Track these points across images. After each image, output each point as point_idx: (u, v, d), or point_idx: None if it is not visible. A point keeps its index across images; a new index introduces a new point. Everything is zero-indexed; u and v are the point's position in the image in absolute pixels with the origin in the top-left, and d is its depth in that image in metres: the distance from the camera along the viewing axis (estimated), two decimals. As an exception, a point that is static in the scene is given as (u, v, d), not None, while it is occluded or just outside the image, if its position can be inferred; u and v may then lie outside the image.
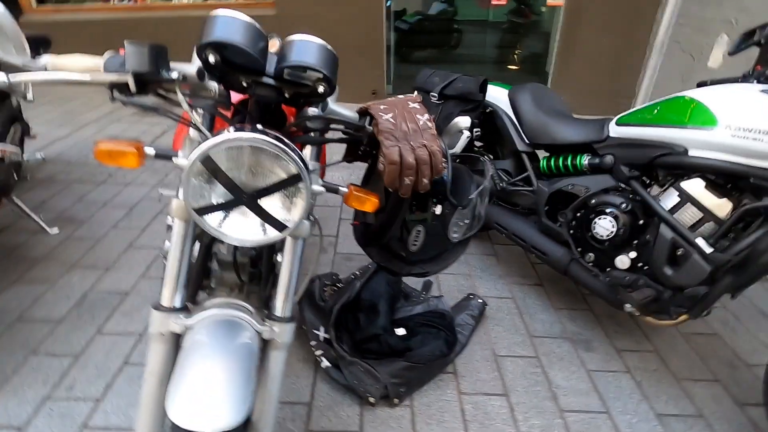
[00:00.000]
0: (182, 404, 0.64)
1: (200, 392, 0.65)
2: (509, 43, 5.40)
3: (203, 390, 0.65)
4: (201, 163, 0.64)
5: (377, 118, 0.77)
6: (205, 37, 0.64)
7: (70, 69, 0.75)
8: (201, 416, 0.62)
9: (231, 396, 0.66)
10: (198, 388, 0.66)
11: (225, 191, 0.67)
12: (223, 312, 0.79)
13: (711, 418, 1.43)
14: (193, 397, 0.64)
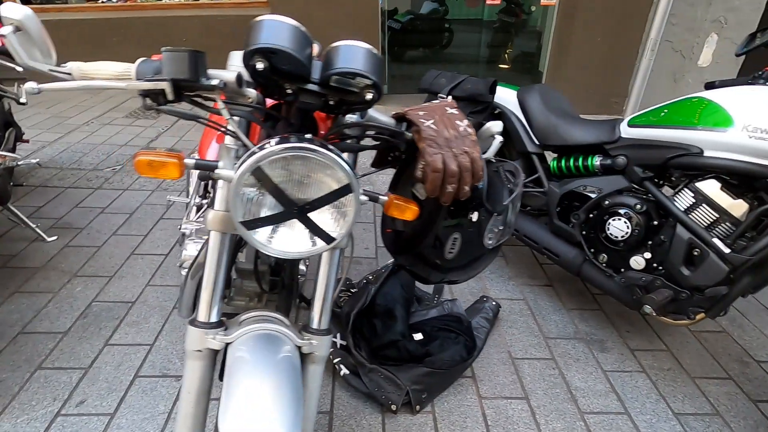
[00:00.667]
0: (238, 424, 0.61)
1: (255, 411, 0.63)
2: (502, 42, 5.42)
3: (257, 408, 0.63)
4: (252, 175, 0.61)
5: (419, 125, 0.76)
6: (252, 43, 0.61)
7: (97, 76, 0.71)
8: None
9: (285, 413, 0.63)
10: (252, 406, 0.63)
11: (274, 204, 0.64)
12: (262, 326, 0.77)
13: (727, 416, 1.45)
14: (248, 416, 0.62)
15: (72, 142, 3.12)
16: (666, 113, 1.47)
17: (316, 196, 0.64)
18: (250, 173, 0.61)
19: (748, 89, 1.32)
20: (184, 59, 0.64)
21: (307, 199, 0.65)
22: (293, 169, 0.63)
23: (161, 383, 1.43)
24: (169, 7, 4.01)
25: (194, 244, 1.22)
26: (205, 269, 0.77)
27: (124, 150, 3.05)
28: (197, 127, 3.52)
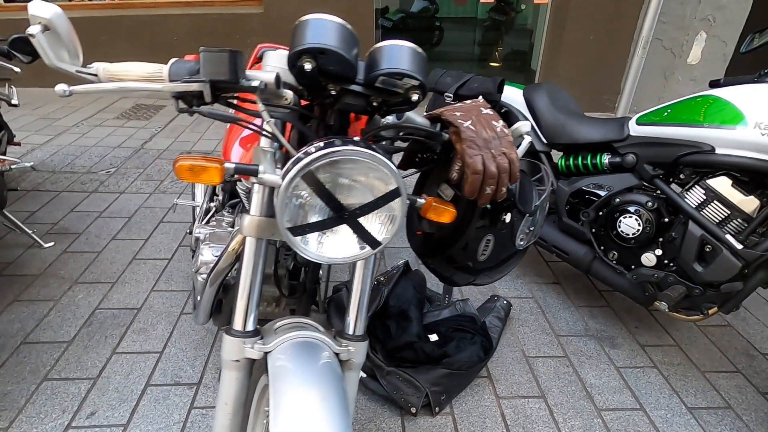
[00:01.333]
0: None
1: (306, 421, 0.61)
2: (493, 40, 5.45)
3: (308, 418, 0.61)
4: (302, 179, 0.59)
5: (458, 126, 0.74)
6: (300, 43, 0.59)
7: (127, 77, 0.69)
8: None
9: (336, 422, 0.62)
10: (303, 416, 0.61)
11: (319, 209, 0.62)
12: (300, 334, 0.75)
13: (738, 409, 1.47)
14: (300, 427, 0.60)
15: (63, 145, 3.03)
16: (676, 111, 1.49)
17: (362, 200, 0.63)
18: (300, 178, 0.59)
19: (758, 87, 1.34)
20: (224, 60, 0.62)
21: (355, 203, 0.63)
22: (341, 173, 0.61)
23: (174, 392, 1.40)
24: (158, 5, 3.92)
25: (210, 249, 1.19)
26: (240, 277, 0.75)
27: (117, 152, 2.98)
28: (193, 128, 3.46)
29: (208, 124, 3.53)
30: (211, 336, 1.60)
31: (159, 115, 3.67)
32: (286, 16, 3.89)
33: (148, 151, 3.02)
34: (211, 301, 1.14)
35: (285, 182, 0.59)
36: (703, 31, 4.21)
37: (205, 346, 1.56)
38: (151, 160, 2.89)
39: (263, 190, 0.73)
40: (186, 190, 2.56)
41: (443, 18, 5.49)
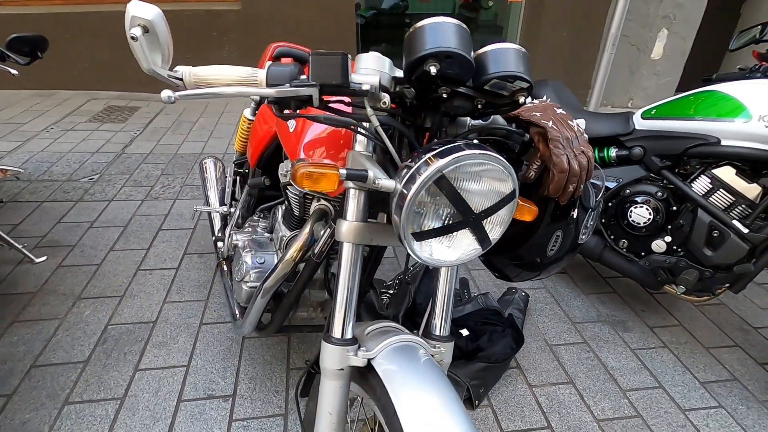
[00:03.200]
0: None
1: (434, 419, 0.61)
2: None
3: (435, 417, 0.62)
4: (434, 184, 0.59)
5: (543, 126, 0.76)
6: (424, 47, 0.59)
7: (217, 81, 0.66)
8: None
9: (459, 416, 0.63)
10: (429, 416, 0.62)
11: (436, 213, 0.62)
12: (399, 338, 0.75)
13: (743, 380, 1.60)
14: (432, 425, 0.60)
15: (34, 151, 2.82)
16: (682, 107, 1.58)
17: (479, 203, 0.63)
18: (433, 182, 0.59)
19: (758, 83, 1.45)
20: (336, 63, 0.61)
21: (476, 206, 0.63)
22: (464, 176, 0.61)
23: (209, 405, 1.35)
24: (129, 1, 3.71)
25: (252, 256, 1.16)
26: (338, 284, 0.73)
27: (97, 157, 2.81)
28: (174, 129, 3.31)
29: (189, 127, 3.40)
30: (237, 345, 1.56)
31: (135, 117, 3.48)
32: (265, 12, 3.80)
33: (131, 156, 2.86)
34: (261, 312, 1.11)
35: (416, 187, 0.58)
36: (664, 29, 4.47)
37: (233, 356, 1.52)
38: (136, 165, 2.75)
39: (359, 195, 0.72)
40: (180, 195, 2.45)
41: (414, 14, 5.52)
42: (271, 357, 1.52)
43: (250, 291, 1.14)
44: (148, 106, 3.75)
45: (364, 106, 0.66)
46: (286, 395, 1.40)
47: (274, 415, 1.33)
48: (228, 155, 2.96)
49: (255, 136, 1.40)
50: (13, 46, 1.34)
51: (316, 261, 0.99)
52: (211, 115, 3.65)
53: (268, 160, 1.37)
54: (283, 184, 1.08)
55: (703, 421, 1.43)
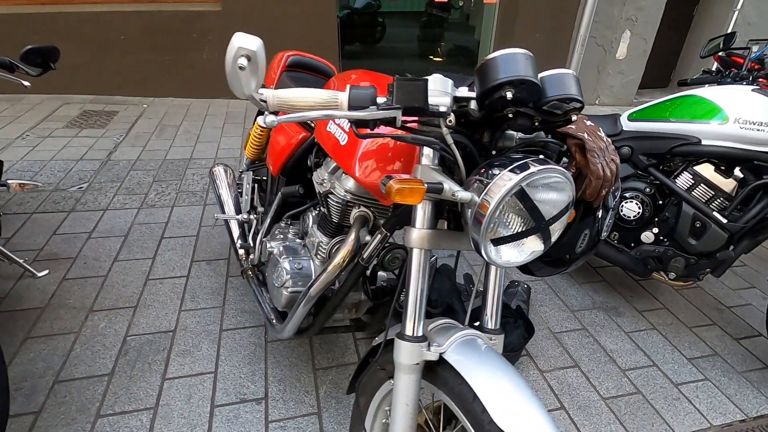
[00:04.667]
0: (513, 417, 0.67)
1: (515, 401, 0.69)
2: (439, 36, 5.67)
3: (516, 399, 0.69)
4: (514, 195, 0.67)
5: (581, 138, 0.86)
6: (502, 74, 0.66)
7: (300, 104, 0.71)
8: (537, 429, 0.66)
9: (535, 399, 0.71)
10: (511, 399, 0.69)
11: (514, 220, 0.70)
12: (463, 333, 0.82)
13: (723, 354, 1.78)
14: (515, 407, 0.68)
15: (13, 160, 2.70)
16: (666, 109, 1.73)
17: (548, 210, 0.72)
18: (513, 194, 0.67)
19: (734, 89, 1.61)
20: (420, 88, 0.68)
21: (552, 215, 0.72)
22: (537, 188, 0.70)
23: (243, 409, 1.38)
24: (103, 1, 3.59)
25: (290, 262, 1.20)
26: (409, 287, 0.80)
27: (82, 165, 2.73)
28: (158, 134, 3.24)
29: (173, 131, 3.33)
30: (261, 350, 1.59)
31: (114, 123, 3.38)
32: (247, 13, 3.76)
33: (118, 163, 2.79)
34: (304, 315, 1.16)
35: (498, 198, 0.66)
36: (628, 30, 4.75)
37: (258, 360, 1.55)
38: (125, 173, 2.69)
39: (427, 205, 0.79)
40: (177, 202, 2.43)
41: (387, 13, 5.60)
42: (296, 359, 1.57)
43: (291, 296, 1.19)
44: (127, 110, 3.64)
45: (438, 125, 0.73)
46: (317, 394, 1.45)
47: (309, 414, 1.38)
48: (221, 160, 2.94)
49: (277, 145, 1.44)
50: (29, 58, 1.31)
51: (364, 265, 1.05)
52: (194, 119, 3.59)
53: (292, 169, 1.41)
54: (324, 192, 1.13)
55: (693, 393, 1.60)
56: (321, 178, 1.17)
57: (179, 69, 3.86)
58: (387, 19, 5.64)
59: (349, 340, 1.67)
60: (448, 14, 5.78)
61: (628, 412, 1.50)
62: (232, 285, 1.88)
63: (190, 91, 3.96)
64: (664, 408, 1.52)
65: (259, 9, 3.77)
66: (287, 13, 3.84)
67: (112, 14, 3.54)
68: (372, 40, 5.68)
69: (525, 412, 0.69)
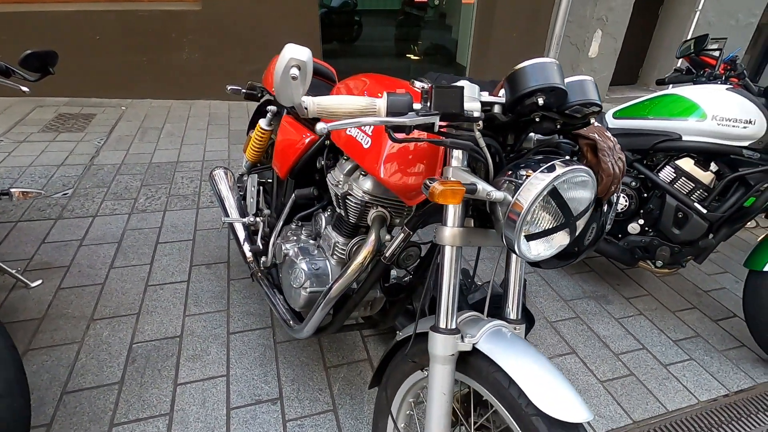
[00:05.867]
0: (550, 395, 0.73)
1: (550, 381, 0.75)
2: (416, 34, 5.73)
3: (550, 380, 0.75)
4: (548, 194, 0.72)
5: (593, 139, 0.92)
6: (532, 82, 0.71)
7: (340, 111, 0.74)
8: (573, 409, 0.72)
9: (566, 380, 0.77)
10: (546, 380, 0.75)
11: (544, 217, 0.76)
12: (491, 324, 0.87)
13: (704, 335, 1.91)
14: (551, 387, 0.74)
15: (-12, 167, 2.59)
16: (648, 108, 1.84)
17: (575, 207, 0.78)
18: (547, 193, 0.72)
19: (711, 88, 1.73)
20: (457, 95, 0.72)
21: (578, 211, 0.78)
22: (568, 186, 0.75)
23: (260, 410, 1.40)
24: (76, 0, 3.46)
25: (307, 263, 1.23)
26: (442, 282, 0.85)
27: (65, 171, 2.64)
28: (140, 137, 3.16)
29: (156, 134, 3.26)
30: (271, 351, 1.60)
31: (93, 126, 3.28)
32: (227, 13, 3.71)
33: (102, 167, 2.72)
34: (324, 315, 1.19)
35: (533, 197, 0.71)
36: (599, 30, 4.95)
37: (269, 361, 1.56)
38: (111, 177, 2.62)
39: (458, 204, 0.83)
40: (169, 206, 2.39)
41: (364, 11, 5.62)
42: (306, 358, 1.59)
43: (310, 296, 1.21)
44: (104, 112, 3.54)
45: (469, 129, 0.78)
46: (331, 392, 1.48)
47: (324, 412, 1.41)
48: (209, 162, 2.90)
49: (284, 148, 1.45)
50: (28, 63, 1.27)
51: (386, 264, 1.09)
52: (177, 121, 3.52)
53: (300, 171, 1.43)
54: (342, 194, 1.16)
55: (681, 372, 1.71)
56: (336, 180, 1.19)
57: (158, 70, 3.77)
58: (364, 17, 5.67)
59: (357, 337, 1.70)
60: (425, 13, 5.85)
61: (624, 393, 1.59)
62: (234, 288, 1.88)
63: (170, 93, 3.87)
64: (656, 387, 1.63)
65: (240, 9, 3.72)
66: (269, 13, 3.81)
67: (86, 14, 3.43)
68: (349, 39, 5.69)
69: (558, 392, 0.74)
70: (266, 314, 1.76)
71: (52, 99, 3.63)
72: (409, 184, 0.97)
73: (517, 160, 0.82)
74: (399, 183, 0.97)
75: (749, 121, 1.63)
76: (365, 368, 1.57)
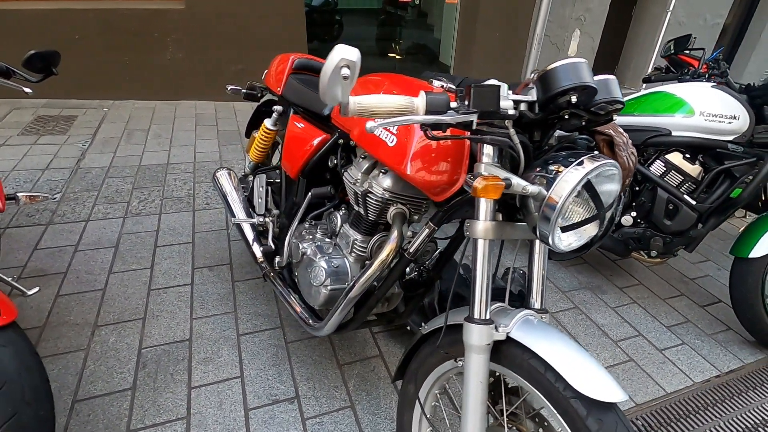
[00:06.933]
0: (586, 376, 0.76)
1: (584, 365, 0.78)
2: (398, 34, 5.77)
3: (584, 364, 0.79)
4: (583, 187, 0.76)
5: (609, 134, 0.97)
6: (565, 81, 0.75)
7: (380, 110, 0.76)
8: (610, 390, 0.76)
9: (598, 365, 0.81)
10: (580, 364, 0.79)
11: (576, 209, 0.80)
12: (521, 314, 0.91)
13: (693, 320, 2.01)
14: (586, 369, 0.77)
15: (-32, 172, 2.48)
16: (639, 105, 1.92)
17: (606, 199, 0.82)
18: (582, 186, 0.76)
19: (698, 86, 1.82)
20: (494, 93, 0.75)
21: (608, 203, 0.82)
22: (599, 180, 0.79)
23: (277, 409, 1.40)
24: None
25: (327, 261, 1.24)
26: (476, 275, 0.88)
27: (51, 174, 2.55)
28: (126, 139, 3.09)
29: (143, 136, 3.19)
30: (282, 351, 1.61)
31: (75, 128, 3.18)
32: (213, 12, 3.65)
33: (90, 171, 2.64)
34: (346, 312, 1.21)
35: (569, 190, 0.75)
36: (577, 29, 5.10)
37: (282, 361, 1.57)
38: (100, 181, 2.55)
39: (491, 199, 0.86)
40: (164, 209, 2.35)
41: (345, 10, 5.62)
42: (318, 356, 1.60)
43: (331, 294, 1.22)
44: (86, 114, 3.43)
45: (503, 126, 0.81)
46: (347, 389, 1.49)
47: (342, 408, 1.43)
48: (201, 164, 2.85)
49: (295, 148, 1.46)
50: (31, 64, 1.23)
51: (409, 259, 1.11)
52: (163, 122, 3.45)
53: (312, 170, 1.44)
54: (362, 192, 1.17)
55: (676, 356, 1.80)
56: (354, 178, 1.21)
57: (140, 70, 3.68)
58: (345, 17, 5.67)
59: (367, 334, 1.72)
60: (406, 13, 5.89)
61: (625, 378, 1.67)
62: (239, 289, 1.87)
63: (154, 93, 3.79)
64: (654, 371, 1.71)
65: (225, 8, 3.67)
66: (254, 11, 3.77)
67: (64, 12, 3.31)
68: (330, 39, 5.68)
69: (594, 374, 0.78)
70: (274, 315, 1.76)
71: (28, 101, 3.50)
72: (435, 180, 1.00)
73: (543, 156, 0.86)
74: (426, 180, 1.00)
75: (734, 117, 1.73)
76: (378, 364, 1.60)
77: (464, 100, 0.78)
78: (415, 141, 1.01)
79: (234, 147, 3.14)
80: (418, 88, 1.05)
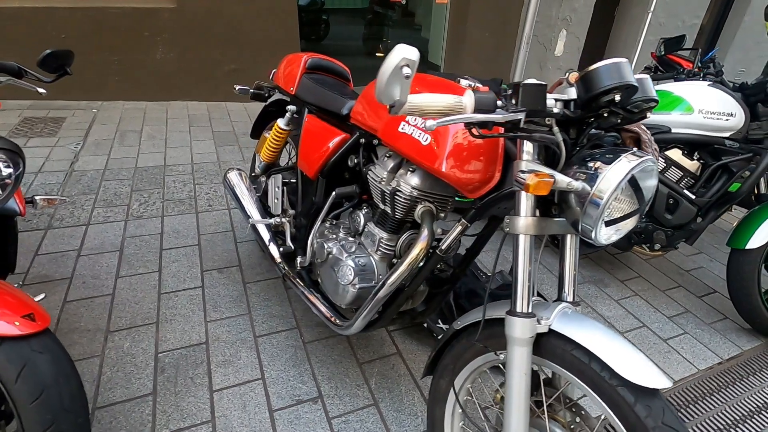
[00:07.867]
0: (630, 362, 0.80)
1: (626, 352, 0.82)
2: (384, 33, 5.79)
3: (627, 351, 0.82)
4: (628, 183, 0.79)
5: (636, 132, 1.01)
6: (608, 81, 0.77)
7: (430, 108, 0.77)
8: (656, 376, 0.79)
9: (639, 352, 0.84)
10: (623, 351, 0.82)
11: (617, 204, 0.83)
12: (559, 308, 0.94)
13: (692, 310, 2.09)
14: (629, 356, 0.81)
15: (-44, 176, 2.38)
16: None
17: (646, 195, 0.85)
18: (627, 182, 0.78)
19: (696, 84, 1.89)
20: (542, 92, 0.77)
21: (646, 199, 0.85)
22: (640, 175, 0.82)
23: (302, 410, 1.40)
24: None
25: (353, 260, 1.25)
26: (518, 269, 0.90)
27: (45, 178, 2.48)
28: (119, 141, 3.02)
29: (136, 137, 3.12)
30: (301, 351, 1.60)
31: (65, 130, 3.09)
32: (204, 11, 3.60)
33: (85, 173, 2.58)
34: (376, 309, 1.21)
35: (615, 185, 0.77)
36: (564, 29, 5.20)
37: (302, 361, 1.57)
38: (97, 183, 2.49)
39: (528, 195, 0.89)
40: (167, 211, 2.31)
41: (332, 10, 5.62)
42: (338, 356, 1.60)
43: (359, 292, 1.23)
44: (75, 115, 3.34)
45: (543, 125, 0.83)
46: (369, 387, 1.50)
47: (366, 406, 1.44)
48: (199, 165, 2.81)
49: (313, 148, 1.46)
50: (46, 63, 1.20)
51: (441, 256, 1.13)
52: (155, 123, 3.38)
53: (330, 170, 1.44)
54: (390, 190, 1.18)
55: (679, 345, 1.87)
56: (380, 177, 1.22)
57: (130, 70, 3.60)
58: (331, 16, 5.66)
59: (383, 333, 1.73)
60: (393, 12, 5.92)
61: (634, 368, 1.72)
62: (251, 291, 1.85)
63: (144, 94, 3.71)
64: (661, 360, 1.77)
65: (216, 7, 3.62)
66: (246, 11, 3.73)
67: (52, 11, 3.21)
68: (317, 38, 5.66)
69: (639, 362, 0.82)
70: (289, 315, 1.75)
71: (13, 102, 3.38)
72: (469, 178, 1.02)
73: (577, 153, 0.89)
74: (460, 177, 1.02)
75: (730, 114, 1.80)
76: (397, 362, 1.61)
77: (511, 98, 0.80)
78: (451, 139, 1.02)
79: (231, 148, 3.11)
80: (448, 86, 1.07)
